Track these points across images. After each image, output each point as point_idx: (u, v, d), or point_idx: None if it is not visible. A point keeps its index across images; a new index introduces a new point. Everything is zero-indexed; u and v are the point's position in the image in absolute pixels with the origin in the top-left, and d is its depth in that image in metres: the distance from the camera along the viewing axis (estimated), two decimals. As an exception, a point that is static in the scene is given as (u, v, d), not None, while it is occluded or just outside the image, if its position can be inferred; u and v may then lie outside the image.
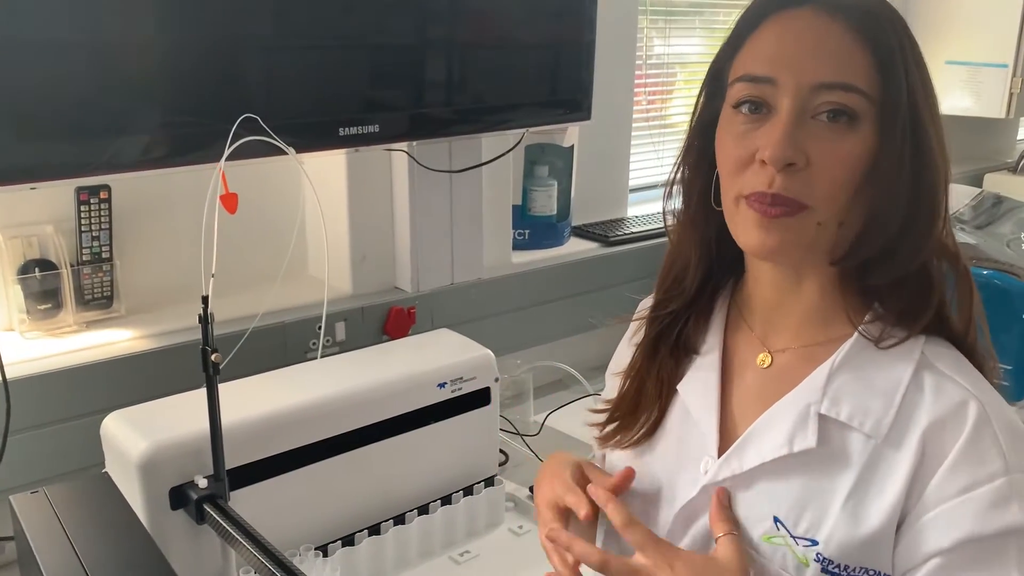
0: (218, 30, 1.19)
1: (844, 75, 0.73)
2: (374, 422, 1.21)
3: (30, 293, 1.35)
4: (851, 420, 0.76)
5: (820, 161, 0.73)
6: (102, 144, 1.13)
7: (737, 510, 0.80)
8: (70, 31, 1.08)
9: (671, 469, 0.86)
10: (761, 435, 0.80)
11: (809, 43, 0.74)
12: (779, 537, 0.77)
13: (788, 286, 0.83)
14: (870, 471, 0.75)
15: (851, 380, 0.78)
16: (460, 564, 1.26)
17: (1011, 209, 2.49)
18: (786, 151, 0.73)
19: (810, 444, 0.77)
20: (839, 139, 0.73)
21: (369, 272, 1.63)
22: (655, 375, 0.89)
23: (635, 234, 2.02)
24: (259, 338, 1.37)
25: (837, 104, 0.73)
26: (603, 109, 1.76)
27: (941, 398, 0.75)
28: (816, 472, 0.77)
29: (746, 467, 0.79)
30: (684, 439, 0.86)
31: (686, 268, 0.88)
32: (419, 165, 1.56)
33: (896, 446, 0.74)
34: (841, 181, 0.73)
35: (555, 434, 1.66)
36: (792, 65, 0.74)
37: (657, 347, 0.90)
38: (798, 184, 0.73)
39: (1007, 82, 2.66)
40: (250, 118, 1.11)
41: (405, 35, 1.38)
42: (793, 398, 0.80)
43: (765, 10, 0.78)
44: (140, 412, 1.11)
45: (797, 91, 0.73)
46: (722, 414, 0.84)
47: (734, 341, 0.88)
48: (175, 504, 1.04)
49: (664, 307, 0.90)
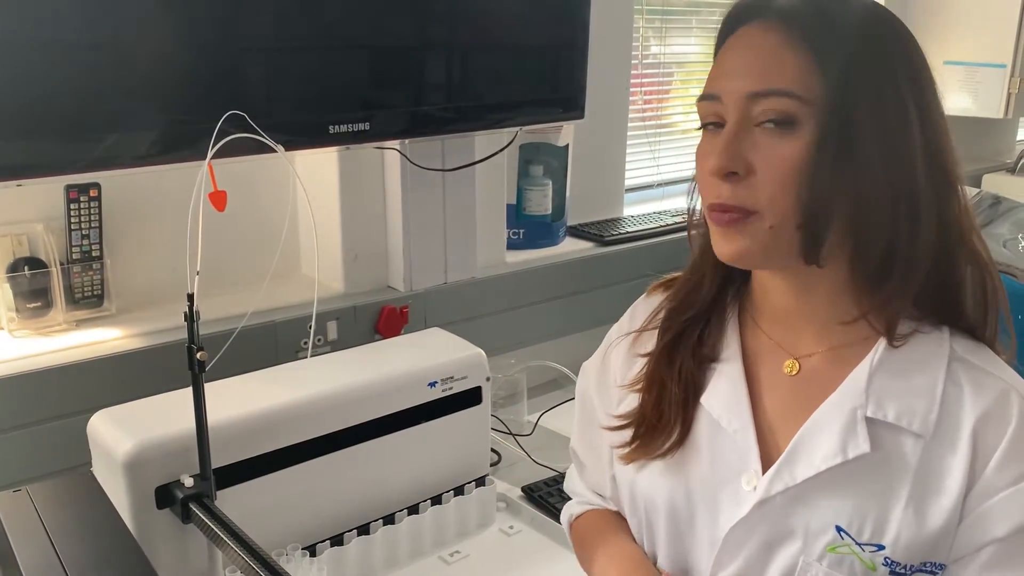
0: (208, 28, 1.18)
1: (775, 81, 0.75)
2: (364, 421, 1.21)
3: (19, 292, 1.34)
4: (899, 420, 0.77)
5: (761, 167, 0.75)
6: (91, 141, 1.13)
7: (793, 523, 0.79)
8: (59, 29, 1.07)
9: (708, 486, 0.84)
10: (809, 444, 0.79)
11: (747, 56, 0.77)
12: (844, 546, 0.76)
13: (797, 292, 0.82)
14: (926, 470, 0.76)
15: (889, 380, 0.78)
16: (450, 564, 1.25)
17: (1009, 209, 2.48)
18: (723, 161, 0.76)
19: (864, 450, 0.77)
20: (777, 144, 0.75)
21: (361, 271, 1.63)
22: (676, 384, 0.87)
23: (631, 234, 2.01)
24: (249, 337, 1.36)
25: (773, 111, 0.75)
26: (599, 109, 1.76)
27: (982, 392, 0.77)
28: (872, 477, 0.77)
29: (799, 479, 0.78)
30: (718, 454, 0.84)
31: (703, 275, 0.89)
32: (412, 163, 1.55)
33: (948, 443, 0.76)
34: (781, 184, 0.75)
35: (548, 434, 1.65)
36: (730, 80, 0.77)
37: (673, 355, 0.88)
38: (742, 191, 0.76)
39: (1005, 82, 2.66)
40: (238, 115, 1.10)
41: (397, 32, 1.37)
42: (835, 404, 0.79)
43: (725, 30, 0.81)
44: (127, 411, 1.11)
45: (736, 103, 0.76)
46: (756, 425, 0.83)
47: (751, 348, 0.87)
48: (161, 503, 1.03)
49: (681, 313, 0.89)
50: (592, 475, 1.01)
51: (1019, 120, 3.41)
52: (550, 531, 1.32)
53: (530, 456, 1.56)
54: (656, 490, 0.87)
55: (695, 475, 0.85)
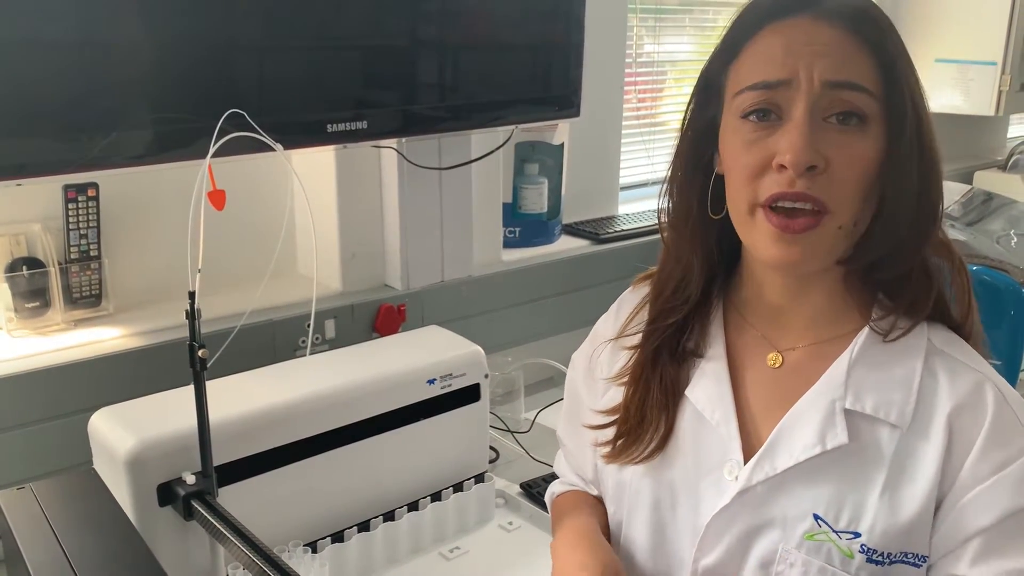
0: (207, 27, 1.18)
1: (852, 75, 0.74)
2: (364, 418, 1.21)
3: (18, 291, 1.34)
4: (876, 412, 0.78)
5: (837, 164, 0.74)
6: (89, 141, 1.13)
7: (772, 512, 0.80)
8: (57, 28, 1.07)
9: (690, 477, 0.85)
10: (789, 435, 0.81)
11: (817, 45, 0.75)
12: (822, 533, 0.78)
13: (796, 290, 0.84)
14: (901, 460, 0.77)
15: (868, 373, 0.80)
16: (450, 560, 1.25)
17: (1001, 206, 2.50)
18: (808, 154, 0.73)
19: (842, 440, 0.78)
20: (853, 141, 0.74)
21: (359, 270, 1.63)
22: (659, 383, 0.88)
23: (625, 232, 2.02)
24: (248, 336, 1.37)
25: (847, 104, 0.74)
26: (593, 108, 1.76)
27: (958, 383, 0.78)
28: (849, 466, 0.78)
29: (779, 469, 0.80)
30: (701, 445, 0.85)
31: (688, 276, 0.88)
32: (408, 162, 1.56)
33: (922, 433, 0.77)
34: (857, 183, 0.74)
35: (546, 431, 1.66)
36: (805, 65, 0.74)
37: (657, 359, 0.89)
38: (821, 186, 0.74)
39: (996, 80, 2.67)
40: (237, 114, 1.10)
41: (394, 32, 1.37)
42: (815, 395, 0.81)
43: (761, 20, 0.78)
44: (128, 409, 1.11)
45: (811, 90, 0.74)
46: (738, 417, 0.84)
47: (736, 342, 0.88)
48: (163, 500, 1.03)
49: (666, 319, 0.89)
50: (575, 459, 1.04)
51: (1010, 118, 3.43)
52: (549, 527, 1.32)
53: (528, 453, 1.56)
54: (640, 485, 0.89)
55: (678, 467, 0.86)
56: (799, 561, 0.78)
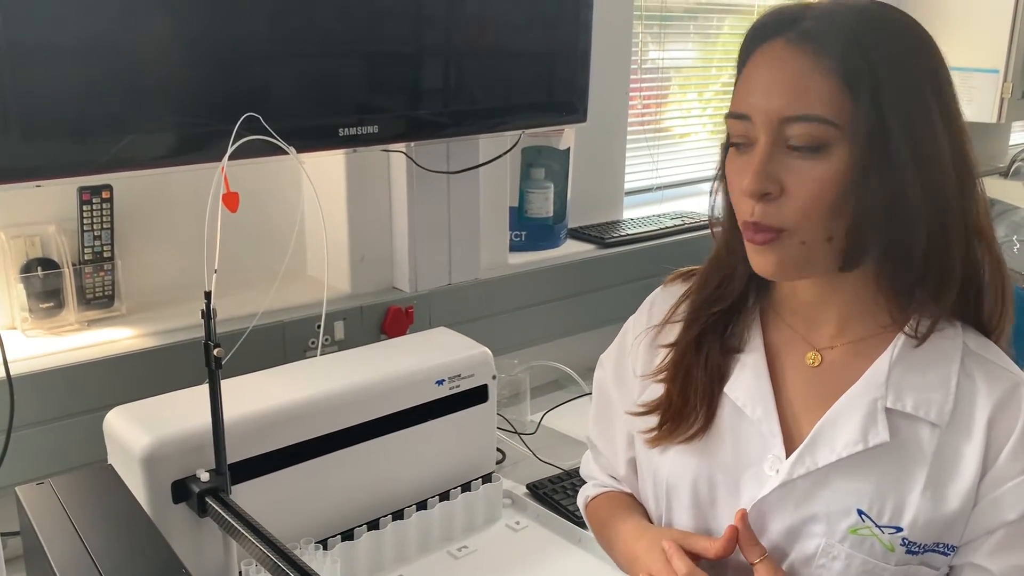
0: (222, 32, 1.20)
1: (806, 107, 0.77)
2: (373, 418, 1.23)
3: (32, 292, 1.36)
4: (917, 411, 0.82)
5: (793, 189, 0.79)
6: (105, 143, 1.14)
7: (815, 507, 0.83)
8: (74, 32, 1.09)
9: (730, 469, 0.88)
10: (831, 432, 0.83)
11: (776, 77, 0.79)
12: (865, 528, 0.81)
13: (824, 292, 0.86)
14: (942, 457, 0.81)
15: (907, 372, 0.83)
16: (458, 559, 1.27)
17: (1003, 213, 2.52)
18: (758, 184, 0.79)
19: (884, 438, 0.81)
20: (809, 167, 0.78)
21: (368, 272, 1.65)
22: (703, 372, 0.91)
23: (630, 236, 2.04)
24: (259, 337, 1.38)
25: (803, 137, 0.77)
26: (599, 113, 1.78)
27: (995, 385, 0.82)
28: (890, 463, 0.82)
29: (820, 464, 0.83)
30: (741, 439, 0.88)
31: (733, 270, 0.91)
32: (417, 166, 1.58)
33: (963, 432, 0.81)
34: (813, 204, 0.78)
35: (552, 433, 1.67)
36: (761, 102, 0.79)
37: (701, 345, 0.92)
38: (773, 211, 0.79)
39: (998, 87, 2.68)
40: (252, 118, 1.12)
41: (404, 39, 1.39)
42: (856, 394, 0.84)
43: (750, 45, 0.83)
44: (142, 407, 1.13)
45: (768, 126, 0.79)
46: (778, 412, 0.87)
47: (774, 340, 0.90)
48: (177, 498, 1.05)
49: (710, 307, 0.92)
50: (606, 459, 1.05)
51: (1012, 125, 3.44)
52: (555, 527, 1.34)
53: (535, 454, 1.58)
54: (680, 472, 0.90)
55: (718, 459, 0.88)
56: (842, 555, 0.81)
